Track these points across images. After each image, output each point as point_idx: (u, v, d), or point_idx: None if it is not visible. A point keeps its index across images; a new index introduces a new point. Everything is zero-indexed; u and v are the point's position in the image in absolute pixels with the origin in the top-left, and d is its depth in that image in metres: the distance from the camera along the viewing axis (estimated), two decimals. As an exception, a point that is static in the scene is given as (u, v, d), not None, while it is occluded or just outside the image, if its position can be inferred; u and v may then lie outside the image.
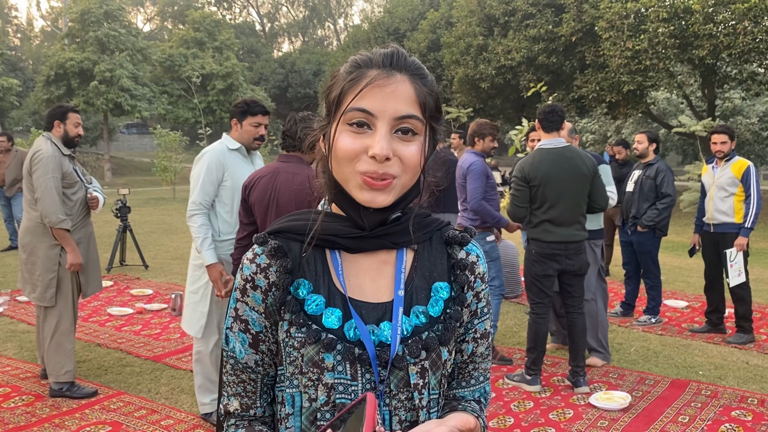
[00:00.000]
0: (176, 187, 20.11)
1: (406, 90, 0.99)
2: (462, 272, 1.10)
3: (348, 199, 1.02)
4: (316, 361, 0.99)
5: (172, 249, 10.09)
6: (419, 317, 1.04)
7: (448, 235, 1.13)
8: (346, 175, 0.99)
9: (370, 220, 1.03)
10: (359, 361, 0.99)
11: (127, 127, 43.51)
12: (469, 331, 1.13)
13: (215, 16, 35.65)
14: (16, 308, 6.28)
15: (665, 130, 20.58)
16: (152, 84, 29.11)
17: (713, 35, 13.06)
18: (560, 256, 4.26)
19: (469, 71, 18.82)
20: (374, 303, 1.04)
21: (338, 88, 1.01)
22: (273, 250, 1.04)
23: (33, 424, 3.71)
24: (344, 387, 0.99)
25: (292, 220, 1.09)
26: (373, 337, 1.01)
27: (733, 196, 5.40)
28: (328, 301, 1.03)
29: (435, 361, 1.04)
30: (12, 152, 9.39)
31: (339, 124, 0.99)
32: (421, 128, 1.00)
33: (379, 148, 0.95)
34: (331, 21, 59.68)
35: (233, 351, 1.08)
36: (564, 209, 4.22)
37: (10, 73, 31.66)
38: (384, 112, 0.97)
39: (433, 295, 1.07)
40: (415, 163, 1.00)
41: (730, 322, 5.85)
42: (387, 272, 1.07)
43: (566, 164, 4.22)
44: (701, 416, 3.93)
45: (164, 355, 4.94)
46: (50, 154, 4.00)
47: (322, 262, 1.06)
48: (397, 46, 1.03)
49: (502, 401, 4.15)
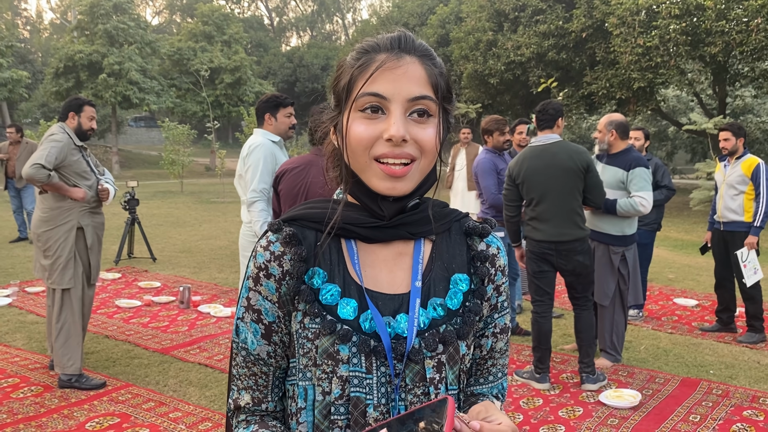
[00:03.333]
0: (184, 180, 20.14)
1: (417, 71, 0.96)
2: (482, 264, 1.07)
3: (364, 189, 1.00)
4: (330, 352, 0.96)
5: (179, 242, 10.11)
6: (437, 309, 1.01)
7: (468, 225, 1.09)
8: (362, 164, 0.97)
9: (389, 209, 1.00)
10: (374, 353, 0.97)
11: (135, 120, 43.64)
12: (489, 326, 1.10)
13: (224, 10, 35.63)
14: (25, 299, 6.30)
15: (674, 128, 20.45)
16: (160, 77, 29.17)
17: (725, 32, 12.96)
18: (551, 256, 4.21)
19: (479, 67, 18.76)
20: (391, 294, 1.01)
21: (347, 76, 0.99)
22: (288, 237, 1.01)
23: (42, 415, 3.71)
24: (359, 380, 0.97)
25: (307, 207, 1.06)
26: (389, 330, 0.98)
27: (743, 194, 5.35)
28: (344, 291, 1.00)
29: (452, 356, 1.01)
30: (22, 144, 9.41)
31: (351, 112, 0.97)
32: (435, 109, 0.98)
33: (395, 130, 0.93)
34: (340, 15, 59.56)
35: (245, 342, 1.04)
36: (550, 205, 4.15)
37: (20, 66, 31.78)
38: (397, 95, 0.94)
39: (451, 288, 1.04)
40: (432, 145, 0.97)
41: (741, 321, 5.80)
42: (404, 263, 1.04)
43: (550, 159, 4.15)
44: (712, 415, 3.90)
45: (172, 348, 4.94)
46: (64, 141, 4.07)
47: (338, 252, 1.03)
48: (403, 29, 1.00)
49: (511, 398, 4.12)
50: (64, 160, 4.04)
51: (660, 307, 6.51)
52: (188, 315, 5.87)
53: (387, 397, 0.97)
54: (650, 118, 22.98)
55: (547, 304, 4.32)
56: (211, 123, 20.64)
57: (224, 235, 10.90)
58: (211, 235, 10.92)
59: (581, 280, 4.27)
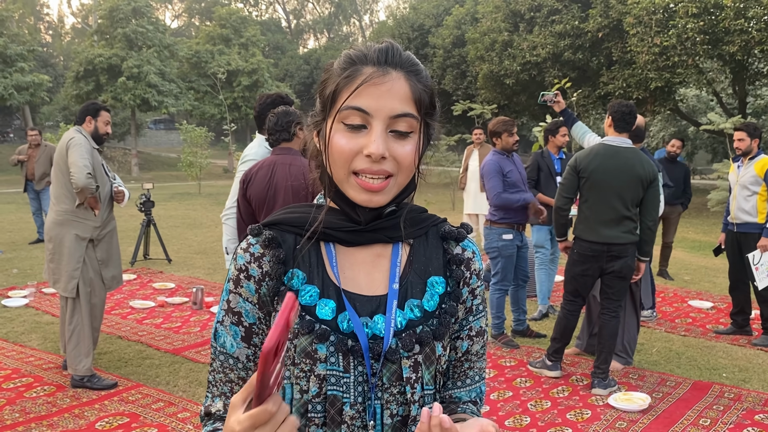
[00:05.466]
0: (202, 182, 20.30)
1: (402, 88, 0.98)
2: (458, 267, 1.10)
3: (343, 196, 1.03)
4: (308, 351, 0.99)
5: (195, 243, 10.20)
6: (414, 311, 1.04)
7: (445, 230, 1.12)
8: (341, 176, 1.00)
9: (365, 216, 1.04)
10: (352, 353, 0.99)
11: (154, 123, 44.07)
12: (464, 328, 1.12)
13: (241, 13, 35.88)
14: (41, 300, 6.40)
15: (694, 128, 20.21)
16: (179, 80, 29.46)
17: (744, 31, 12.78)
18: (600, 258, 4.19)
19: (494, 67, 18.69)
20: (368, 296, 1.03)
21: (333, 85, 1.01)
22: (267, 240, 1.03)
23: (53, 414, 3.77)
24: (336, 378, 0.99)
25: (287, 212, 1.09)
26: (367, 330, 1.01)
27: (757, 195, 5.27)
28: (322, 292, 1.02)
29: (429, 356, 1.03)
30: (41, 147, 9.56)
31: (334, 121, 0.99)
32: (416, 126, 1.00)
33: (375, 147, 0.95)
34: (357, 17, 59.68)
35: (223, 346, 1.05)
36: (610, 208, 4.13)
37: (42, 69, 32.24)
38: (379, 111, 0.97)
39: (428, 290, 1.06)
40: (410, 162, 1.00)
41: (757, 323, 5.72)
42: (382, 265, 1.06)
43: (623, 163, 4.11)
44: (723, 419, 3.85)
45: (183, 348, 4.99)
46: (86, 145, 4.15)
47: (317, 254, 1.05)
48: (391, 40, 1.02)
49: (519, 400, 4.11)
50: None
51: (674, 309, 6.44)
52: (201, 316, 5.92)
53: (364, 396, 1.00)
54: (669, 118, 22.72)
55: (579, 305, 4.42)
56: (228, 125, 20.79)
57: (239, 236, 10.96)
58: (227, 236, 10.99)
59: (622, 284, 4.26)
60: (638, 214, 4.20)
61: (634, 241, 4.18)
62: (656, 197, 4.18)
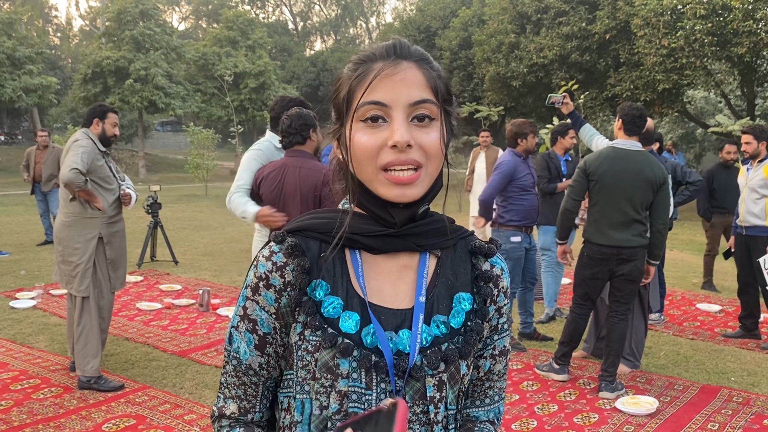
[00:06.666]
0: (209, 184, 20.35)
1: (416, 76, 0.96)
2: (486, 284, 1.06)
3: (372, 198, 0.99)
4: (330, 366, 0.95)
5: (202, 245, 10.22)
6: (440, 327, 1.00)
7: (474, 244, 1.08)
8: (369, 174, 0.96)
9: (399, 216, 0.98)
10: (375, 368, 0.95)
11: (161, 125, 44.23)
12: (488, 347, 1.09)
13: (248, 15, 35.98)
14: (49, 301, 6.42)
15: (702, 130, 20.12)
16: (186, 82, 29.55)
17: (753, 32, 12.72)
18: (611, 261, 4.17)
19: (501, 69, 18.66)
20: (394, 309, 0.99)
21: (345, 88, 0.98)
22: (290, 248, 0.99)
23: (60, 416, 3.78)
24: (358, 396, 0.95)
25: (312, 218, 1.04)
26: (391, 345, 0.97)
27: (765, 198, 5.24)
28: (346, 304, 0.98)
29: (453, 375, 0.99)
30: (49, 148, 9.60)
31: (353, 123, 0.96)
32: (437, 112, 0.97)
33: (399, 135, 0.92)
34: (364, 19, 59.74)
35: (237, 352, 1.04)
36: (619, 212, 4.11)
37: (50, 72, 32.46)
38: (397, 101, 0.94)
39: (454, 306, 1.03)
40: (437, 149, 0.96)
41: (766, 327, 5.68)
42: (408, 277, 1.02)
43: (632, 166, 4.09)
44: (731, 423, 3.83)
45: (190, 350, 4.99)
46: (90, 146, 4.15)
47: (341, 263, 1.01)
48: (398, 37, 1.01)
49: (525, 404, 4.09)
50: (90, 165, 4.12)
51: (682, 312, 6.41)
52: (207, 318, 5.93)
53: None
54: (677, 120, 22.63)
55: (589, 308, 4.40)
56: (235, 127, 20.84)
57: (246, 238, 10.98)
58: (234, 238, 11.02)
59: (631, 287, 4.23)
60: (648, 218, 4.18)
61: (644, 244, 4.16)
62: (666, 200, 4.16)
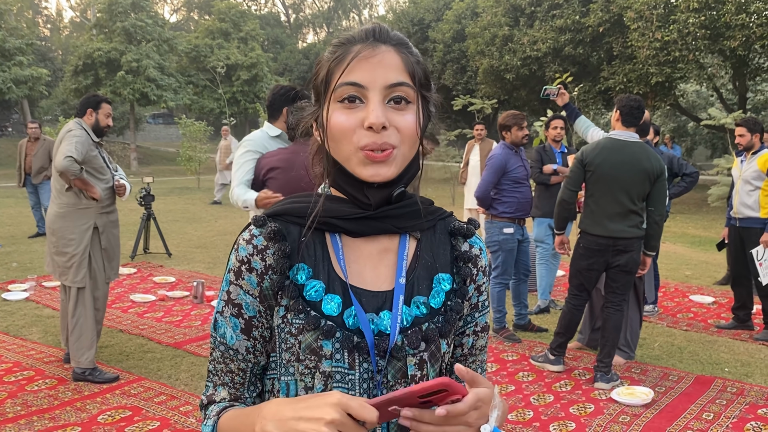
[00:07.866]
0: (201, 176, 20.26)
1: (393, 59, 0.97)
2: (465, 264, 1.08)
3: (349, 178, 1.00)
4: (314, 348, 0.97)
5: (195, 237, 10.18)
6: (420, 308, 1.02)
7: (453, 226, 1.10)
8: (346, 153, 0.97)
9: (374, 197, 1.00)
10: (357, 349, 0.97)
11: (153, 117, 43.94)
12: (469, 324, 1.11)
13: (240, 7, 35.78)
14: (41, 293, 6.38)
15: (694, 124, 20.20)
16: (178, 74, 29.38)
17: (746, 26, 12.76)
18: (606, 252, 4.18)
19: (494, 62, 18.66)
20: (374, 291, 1.01)
21: (324, 70, 0.99)
22: (271, 232, 1.00)
23: (55, 407, 3.76)
24: (341, 375, 0.97)
25: (291, 202, 1.06)
26: (372, 326, 0.99)
27: (759, 189, 5.26)
28: (328, 287, 1.00)
29: (434, 353, 1.01)
30: (40, 140, 9.52)
31: (330, 103, 0.97)
32: (414, 96, 0.98)
33: (374, 117, 0.93)
34: (356, 12, 59.54)
35: (223, 337, 1.04)
36: (615, 202, 4.11)
37: (40, 63, 32.15)
38: (374, 82, 0.95)
39: (434, 286, 1.04)
40: (412, 131, 0.97)
41: (759, 318, 5.72)
42: (388, 260, 1.04)
43: (630, 157, 4.09)
44: (726, 413, 3.85)
45: (185, 342, 4.98)
46: (84, 136, 4.12)
47: (322, 247, 1.02)
48: (378, 22, 1.01)
49: (521, 394, 4.10)
50: (84, 155, 4.09)
51: (676, 304, 6.44)
52: (201, 309, 5.91)
53: (369, 393, 0.98)
54: (669, 114, 22.73)
55: (584, 299, 4.41)
56: (227, 120, 20.72)
57: (239, 230, 10.94)
58: (226, 230, 10.98)
59: (627, 278, 4.24)
60: (645, 209, 4.19)
61: (640, 235, 4.17)
62: (663, 191, 4.17)
